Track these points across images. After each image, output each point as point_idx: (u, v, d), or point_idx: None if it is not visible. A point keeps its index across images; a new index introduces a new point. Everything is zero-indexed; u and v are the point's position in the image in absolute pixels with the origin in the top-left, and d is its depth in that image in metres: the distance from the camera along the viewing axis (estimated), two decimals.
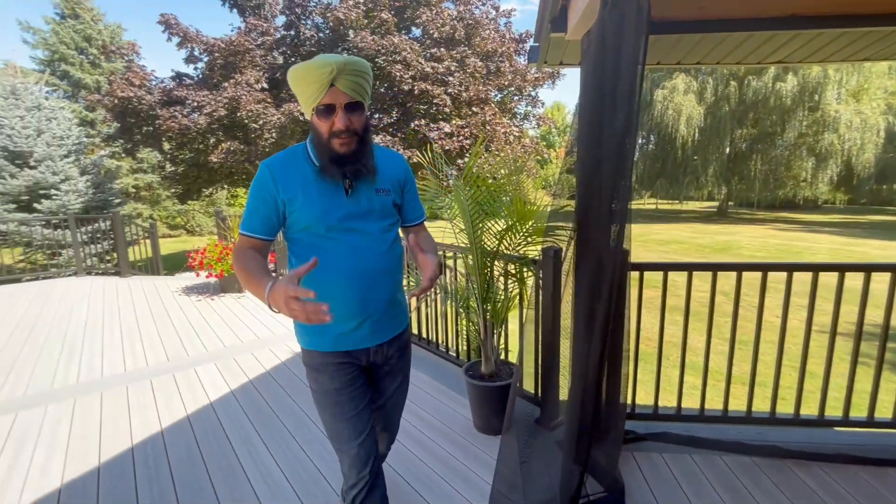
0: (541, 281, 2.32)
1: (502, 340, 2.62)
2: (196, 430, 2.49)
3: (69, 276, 6.91)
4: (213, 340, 3.86)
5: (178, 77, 9.42)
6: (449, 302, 3.06)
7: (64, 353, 3.67)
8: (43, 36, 18.99)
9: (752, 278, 2.17)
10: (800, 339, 2.22)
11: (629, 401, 2.29)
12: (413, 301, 1.46)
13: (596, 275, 1.68)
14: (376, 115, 7.89)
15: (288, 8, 8.44)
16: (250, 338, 3.94)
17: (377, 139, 7.78)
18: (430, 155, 2.72)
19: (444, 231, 2.69)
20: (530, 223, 2.31)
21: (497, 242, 2.34)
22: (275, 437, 2.41)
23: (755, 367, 2.24)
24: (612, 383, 1.97)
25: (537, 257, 2.35)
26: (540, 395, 2.47)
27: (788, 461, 2.08)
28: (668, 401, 2.46)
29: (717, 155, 23.17)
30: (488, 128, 8.35)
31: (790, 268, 2.11)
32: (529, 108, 11.27)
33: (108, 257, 10.13)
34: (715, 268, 2.20)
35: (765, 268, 2.15)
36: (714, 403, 2.36)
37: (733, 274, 2.20)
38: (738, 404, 2.31)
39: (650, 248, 13.68)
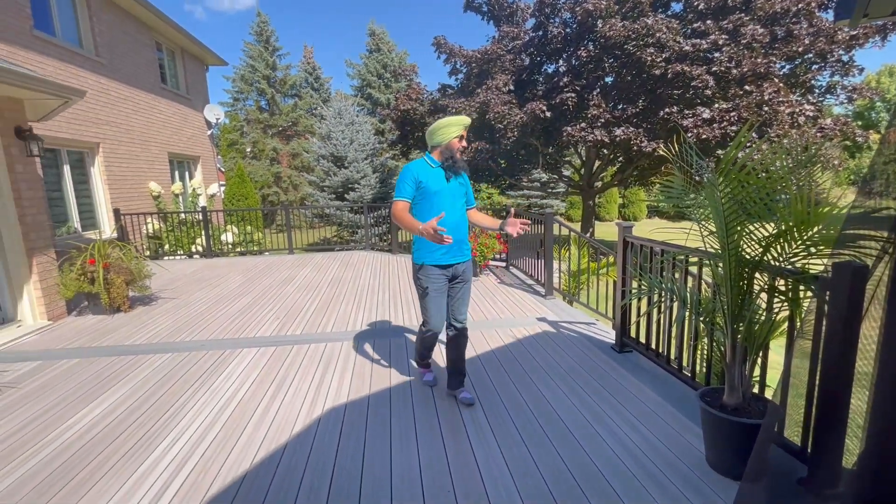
0: (826, 306, 1.78)
1: (756, 370, 2.14)
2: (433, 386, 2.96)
3: (361, 249, 9.15)
4: None
5: (443, 88, 11.10)
6: (687, 314, 2.68)
7: (354, 305, 4.91)
8: (357, 69, 25.29)
9: None
10: None
11: None
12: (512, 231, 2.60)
13: None
14: (620, 106, 7.41)
15: (538, 10, 8.79)
16: (480, 318, 4.38)
17: (619, 131, 7.33)
18: (675, 147, 2.41)
19: (687, 232, 2.36)
20: (816, 229, 1.80)
21: (762, 251, 1.91)
22: (495, 412, 2.64)
23: None
24: None
25: (823, 273, 1.81)
26: (810, 450, 1.92)
27: None
28: None
29: None
30: (766, 109, 6.70)
31: None
32: (838, 77, 8.51)
33: (385, 237, 12.95)
34: None
35: None
36: None
37: None
38: None
39: None
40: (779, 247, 1.88)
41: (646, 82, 7.23)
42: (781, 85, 6.94)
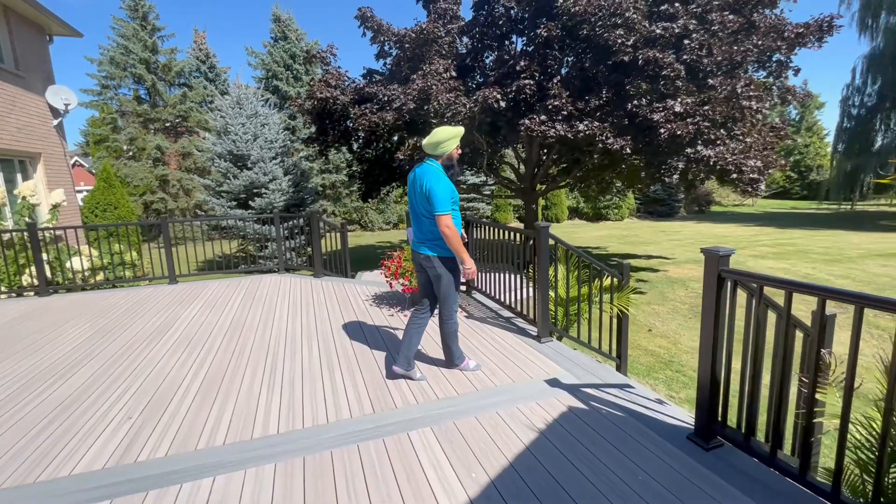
0: None
1: None
2: None
3: (272, 271, 7.20)
4: (422, 388, 2.97)
5: (369, 74, 9.46)
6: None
7: (266, 378, 3.19)
8: (261, 58, 22.41)
9: None
10: None
11: None
12: None
13: None
14: (585, 98, 6.45)
15: None
16: (466, 388, 2.94)
17: (581, 125, 6.36)
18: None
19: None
20: None
21: None
22: None
23: None
24: None
25: None
26: None
27: None
28: None
29: None
30: (733, 102, 6.15)
31: None
32: (771, 78, 8.43)
33: (303, 251, 10.91)
34: None
35: None
36: None
37: None
38: None
39: None
40: None
41: (611, 70, 6.35)
42: (753, 77, 6.52)
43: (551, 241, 3.64)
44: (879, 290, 8.35)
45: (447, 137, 2.81)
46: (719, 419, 2.19)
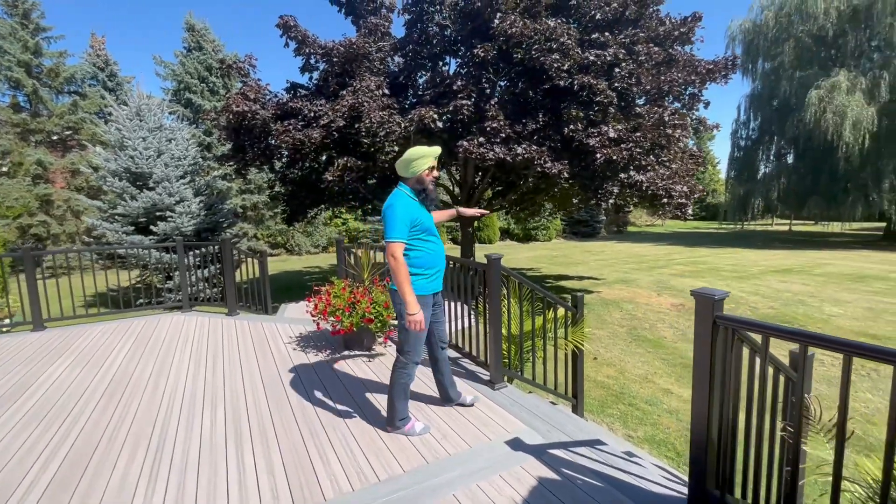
0: None
1: None
2: None
3: (174, 308, 6.14)
4: (357, 463, 2.38)
5: (293, 88, 8.74)
6: None
7: (148, 463, 2.40)
8: (172, 68, 20.51)
9: None
10: None
11: None
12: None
13: None
14: (522, 121, 6.34)
15: (414, 3, 7.29)
16: (413, 462, 2.40)
17: (520, 149, 6.21)
18: None
19: None
20: None
21: None
22: None
23: None
24: None
25: None
26: None
27: None
28: None
29: None
30: (660, 130, 6.39)
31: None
32: (685, 109, 9.04)
33: (217, 281, 9.65)
34: None
35: None
36: None
37: None
38: None
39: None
40: None
41: (546, 94, 6.34)
42: (677, 106, 6.87)
43: (504, 274, 3.27)
44: (784, 305, 9.08)
45: (417, 156, 2.54)
46: (717, 488, 1.87)
